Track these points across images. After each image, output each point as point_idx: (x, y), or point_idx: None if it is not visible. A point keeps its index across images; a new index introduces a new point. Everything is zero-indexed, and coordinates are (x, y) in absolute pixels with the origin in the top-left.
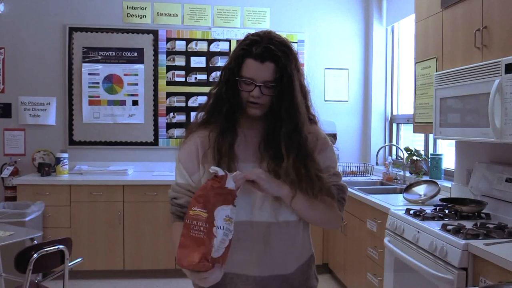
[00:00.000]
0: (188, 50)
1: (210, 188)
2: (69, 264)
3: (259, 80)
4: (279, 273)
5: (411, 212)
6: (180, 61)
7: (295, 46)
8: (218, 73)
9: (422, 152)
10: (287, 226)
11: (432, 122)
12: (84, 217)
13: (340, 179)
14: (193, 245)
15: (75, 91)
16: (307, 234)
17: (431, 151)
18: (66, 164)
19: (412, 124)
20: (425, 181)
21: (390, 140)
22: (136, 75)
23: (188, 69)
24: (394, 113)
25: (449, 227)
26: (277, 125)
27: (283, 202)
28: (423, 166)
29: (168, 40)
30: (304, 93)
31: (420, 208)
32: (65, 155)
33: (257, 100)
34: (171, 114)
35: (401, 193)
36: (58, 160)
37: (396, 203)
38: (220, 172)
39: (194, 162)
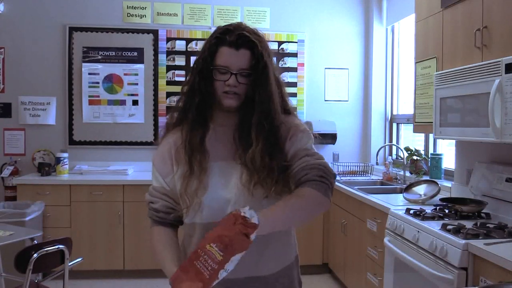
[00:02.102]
0: (188, 50)
1: (238, 232)
2: (69, 264)
3: (234, 68)
4: (257, 274)
5: (411, 212)
6: (180, 61)
7: (295, 46)
8: None
9: (422, 152)
10: None
11: (432, 122)
12: (84, 217)
13: (315, 159)
14: (194, 275)
15: (75, 91)
16: (289, 235)
17: (431, 151)
18: (66, 164)
19: (412, 124)
20: (425, 181)
21: (390, 140)
22: (136, 74)
23: (188, 69)
24: (394, 113)
25: (449, 227)
26: (249, 114)
27: (262, 201)
28: (423, 166)
29: (168, 40)
30: (279, 83)
31: (420, 208)
32: (65, 155)
33: (233, 89)
34: None
35: (401, 193)
36: (58, 160)
37: (396, 203)
38: (255, 220)
39: (168, 164)
